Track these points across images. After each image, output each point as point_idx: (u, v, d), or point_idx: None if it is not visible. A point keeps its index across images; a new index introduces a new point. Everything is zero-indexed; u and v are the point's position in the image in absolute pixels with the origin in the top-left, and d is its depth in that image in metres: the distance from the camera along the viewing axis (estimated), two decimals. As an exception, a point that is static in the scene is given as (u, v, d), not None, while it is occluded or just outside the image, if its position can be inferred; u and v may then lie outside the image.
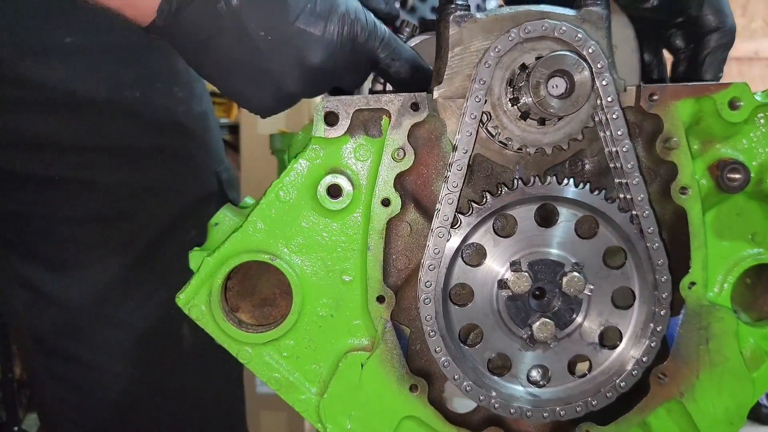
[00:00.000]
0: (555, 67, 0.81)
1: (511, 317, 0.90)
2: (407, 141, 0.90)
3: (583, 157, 0.94)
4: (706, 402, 0.94)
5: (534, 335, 0.88)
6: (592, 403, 0.91)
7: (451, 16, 0.90)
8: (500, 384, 0.91)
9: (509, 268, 0.90)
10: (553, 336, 0.88)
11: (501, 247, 0.90)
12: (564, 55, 0.82)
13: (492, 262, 0.90)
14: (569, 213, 0.90)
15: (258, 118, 3.32)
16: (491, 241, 0.90)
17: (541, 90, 0.82)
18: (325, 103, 0.89)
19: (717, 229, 0.96)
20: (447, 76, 0.91)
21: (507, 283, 0.89)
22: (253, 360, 0.93)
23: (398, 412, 0.93)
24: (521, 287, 0.88)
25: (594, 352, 0.92)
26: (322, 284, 0.92)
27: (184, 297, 0.91)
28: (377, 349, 0.92)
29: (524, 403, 0.90)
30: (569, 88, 0.82)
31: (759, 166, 0.94)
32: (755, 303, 1.02)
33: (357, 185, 0.90)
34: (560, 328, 0.90)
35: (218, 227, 1.01)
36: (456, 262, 0.90)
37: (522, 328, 0.90)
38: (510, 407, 0.89)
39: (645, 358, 0.90)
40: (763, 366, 0.96)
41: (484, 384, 0.90)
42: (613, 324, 0.92)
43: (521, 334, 0.90)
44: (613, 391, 0.91)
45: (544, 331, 0.88)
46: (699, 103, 0.91)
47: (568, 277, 0.88)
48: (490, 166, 0.94)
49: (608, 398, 0.91)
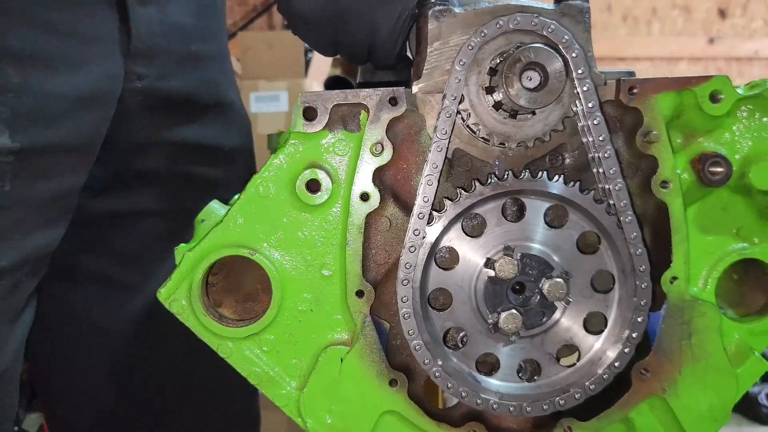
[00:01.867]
0: (528, 59, 0.81)
1: (485, 298, 0.90)
2: (386, 136, 0.90)
3: (563, 152, 0.94)
4: (689, 398, 0.94)
5: (499, 323, 0.88)
6: (527, 409, 0.90)
7: (430, 10, 0.90)
8: (448, 357, 0.91)
9: (503, 251, 0.90)
10: (516, 331, 0.88)
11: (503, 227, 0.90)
12: (537, 48, 0.82)
13: (486, 241, 0.90)
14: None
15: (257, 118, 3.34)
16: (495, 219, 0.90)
17: (515, 83, 0.81)
18: (304, 98, 0.89)
19: (701, 224, 0.95)
20: (426, 71, 0.91)
21: (494, 264, 0.89)
22: (234, 354, 0.93)
23: (378, 406, 0.93)
24: (506, 273, 0.88)
25: (548, 362, 0.92)
26: (302, 279, 0.92)
27: (165, 291, 0.92)
28: (357, 343, 0.92)
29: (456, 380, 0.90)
30: (543, 80, 0.82)
31: (742, 160, 0.93)
32: (742, 298, 1.01)
33: (336, 180, 0.91)
34: (526, 327, 0.90)
35: (204, 223, 1.01)
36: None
37: (491, 313, 0.89)
38: (448, 381, 0.89)
39: (593, 387, 0.90)
40: (747, 362, 0.95)
41: (437, 353, 0.89)
42: (576, 344, 0.92)
43: (488, 318, 0.90)
44: (551, 406, 0.90)
45: (510, 323, 0.87)
46: (680, 96, 0.90)
47: (553, 281, 0.88)
48: (470, 160, 0.94)
49: (544, 410, 0.90)
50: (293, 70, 3.20)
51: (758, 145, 0.92)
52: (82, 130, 1.22)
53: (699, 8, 5.40)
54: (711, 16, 5.42)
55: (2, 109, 1.08)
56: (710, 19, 5.43)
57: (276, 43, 3.21)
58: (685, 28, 5.41)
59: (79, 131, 1.21)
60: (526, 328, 0.90)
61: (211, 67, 1.48)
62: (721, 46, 5.38)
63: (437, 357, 0.90)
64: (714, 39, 5.37)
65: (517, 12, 0.86)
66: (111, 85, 1.26)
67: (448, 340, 0.93)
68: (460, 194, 0.88)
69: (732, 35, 5.39)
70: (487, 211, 0.90)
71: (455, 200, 0.89)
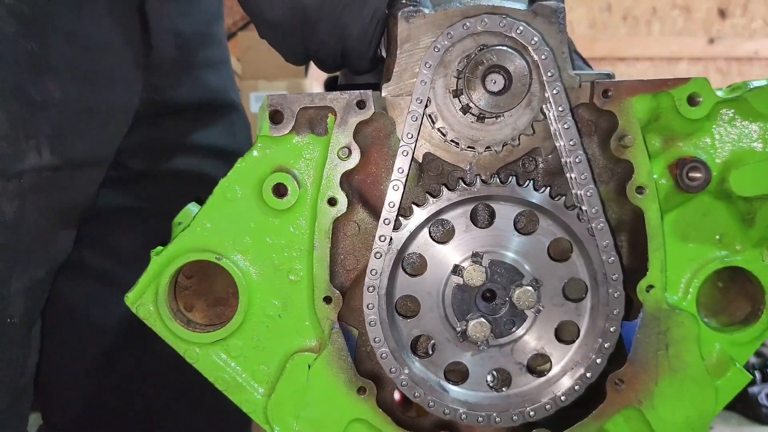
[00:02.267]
0: (491, 62, 0.79)
1: (453, 305, 0.88)
2: (353, 139, 0.88)
3: (537, 156, 0.91)
4: (665, 410, 0.91)
5: (467, 332, 0.86)
6: (496, 420, 0.88)
7: (400, 11, 0.88)
8: (416, 366, 0.89)
9: (471, 258, 0.88)
10: (485, 340, 0.85)
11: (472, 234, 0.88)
12: (500, 50, 0.79)
13: (455, 247, 0.89)
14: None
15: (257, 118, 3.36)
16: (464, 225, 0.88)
17: (478, 86, 0.79)
18: (270, 101, 0.88)
19: (681, 231, 0.92)
20: (396, 73, 0.89)
21: (462, 271, 0.87)
22: (201, 360, 0.92)
23: (346, 414, 0.91)
24: (474, 281, 0.86)
25: (518, 372, 0.90)
26: (269, 284, 0.91)
27: (132, 296, 0.91)
28: (324, 350, 0.91)
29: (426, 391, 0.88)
30: (508, 83, 0.79)
31: (722, 165, 0.90)
32: (727, 307, 0.98)
33: (303, 184, 0.89)
34: (495, 335, 0.88)
35: (181, 226, 1.01)
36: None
37: (459, 321, 0.88)
38: (415, 390, 0.88)
39: (564, 398, 0.88)
40: (728, 373, 0.92)
41: (404, 361, 0.88)
42: (548, 353, 0.90)
43: (456, 326, 0.88)
44: (521, 416, 0.88)
45: (479, 332, 0.85)
46: (656, 99, 0.88)
47: (522, 289, 0.86)
48: (440, 164, 0.92)
49: (513, 421, 0.88)
50: (293, 70, 3.19)
51: (739, 150, 0.89)
52: (105, 142, 1.24)
53: (699, 8, 5.33)
54: (711, 16, 5.34)
55: (45, 125, 1.09)
56: (710, 19, 5.35)
57: (275, 43, 3.20)
58: (685, 28, 5.34)
59: (102, 143, 1.23)
60: (495, 336, 0.88)
61: (216, 72, 1.51)
62: (721, 46, 5.30)
63: (404, 365, 0.88)
64: (714, 39, 5.29)
65: (486, 13, 0.84)
66: (132, 97, 1.29)
67: (419, 348, 0.92)
68: (427, 199, 0.87)
69: (732, 35, 5.31)
70: (455, 217, 0.88)
71: (422, 206, 0.87)
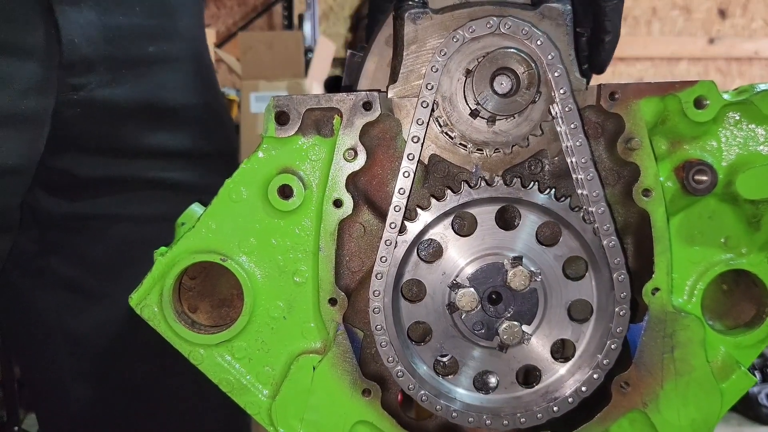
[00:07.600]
0: (499, 64, 0.79)
1: (471, 330, 0.88)
2: (359, 141, 0.88)
3: (543, 158, 0.91)
4: (671, 413, 0.91)
5: (503, 341, 0.86)
6: (486, 422, 0.88)
7: (407, 13, 0.88)
8: (443, 384, 0.89)
9: (450, 290, 0.88)
10: (520, 336, 0.85)
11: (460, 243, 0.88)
12: (508, 52, 0.79)
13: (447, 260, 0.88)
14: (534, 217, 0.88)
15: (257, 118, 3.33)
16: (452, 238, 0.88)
17: (485, 88, 0.79)
18: (276, 102, 0.88)
19: (687, 233, 0.92)
20: (402, 75, 0.89)
21: (455, 305, 0.87)
22: (206, 361, 0.92)
23: (351, 416, 0.91)
24: (471, 303, 0.86)
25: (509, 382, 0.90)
26: (274, 286, 0.91)
27: (136, 297, 0.91)
28: (329, 352, 0.90)
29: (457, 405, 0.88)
30: (515, 85, 0.79)
31: (728, 168, 0.90)
32: (732, 310, 0.98)
33: (309, 185, 0.89)
34: (527, 323, 0.88)
35: (185, 227, 1.00)
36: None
37: (490, 339, 0.88)
38: (437, 404, 0.87)
39: (556, 408, 0.88)
40: (733, 376, 0.92)
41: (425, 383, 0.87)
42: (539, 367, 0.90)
43: (489, 345, 0.88)
44: (545, 413, 0.88)
45: (511, 334, 0.85)
46: (663, 101, 0.87)
47: (511, 272, 0.86)
48: (446, 166, 0.91)
49: (538, 419, 0.88)
50: (293, 70, 3.18)
51: (745, 153, 0.89)
52: (15, 150, 1.17)
53: (699, 8, 5.34)
54: (711, 16, 5.35)
55: None
56: (710, 19, 5.36)
57: (276, 43, 3.20)
58: (685, 28, 5.35)
59: (11, 151, 1.16)
60: (528, 324, 0.88)
61: (171, 69, 1.39)
62: (721, 46, 5.31)
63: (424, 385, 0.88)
64: (714, 39, 5.31)
65: (492, 15, 0.84)
66: (41, 101, 1.20)
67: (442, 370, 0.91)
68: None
69: (732, 35, 5.33)
70: (444, 227, 0.88)
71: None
